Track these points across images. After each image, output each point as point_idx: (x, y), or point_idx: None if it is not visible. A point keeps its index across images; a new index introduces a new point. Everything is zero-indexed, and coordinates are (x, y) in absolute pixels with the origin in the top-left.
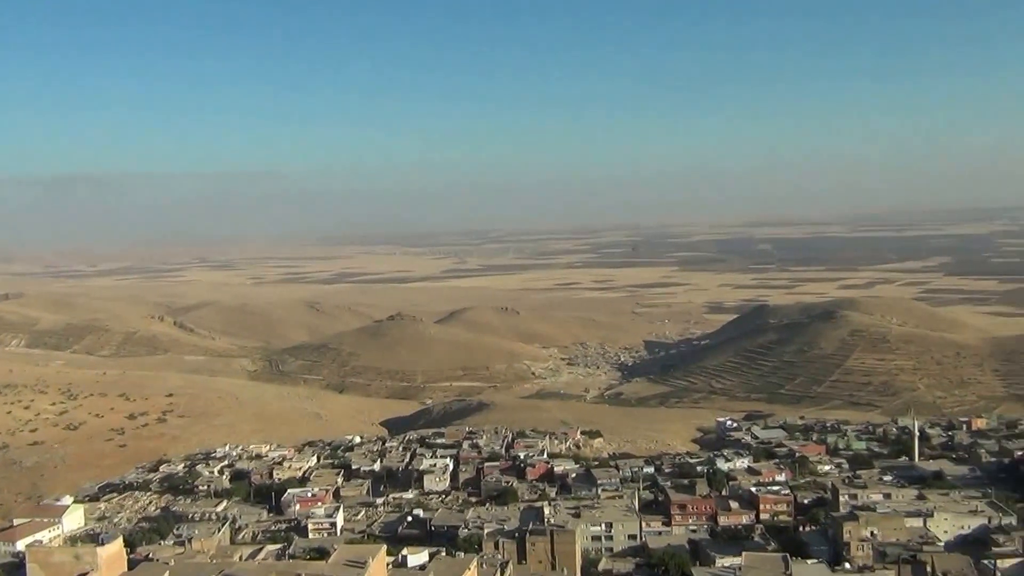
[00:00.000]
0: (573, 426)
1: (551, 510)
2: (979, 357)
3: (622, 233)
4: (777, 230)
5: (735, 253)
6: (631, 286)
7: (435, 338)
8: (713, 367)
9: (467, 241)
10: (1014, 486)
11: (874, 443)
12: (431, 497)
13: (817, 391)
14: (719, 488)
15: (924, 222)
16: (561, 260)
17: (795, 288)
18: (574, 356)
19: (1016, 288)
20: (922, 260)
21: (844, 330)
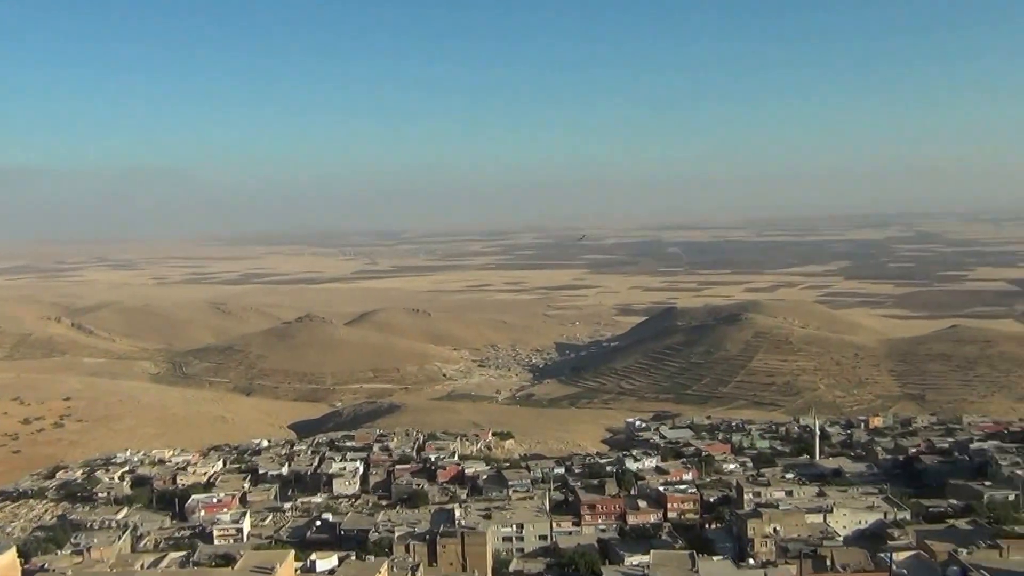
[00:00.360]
0: (484, 428)
1: (462, 512)
2: (876, 358)
3: (533, 235)
4: (685, 233)
5: (645, 256)
6: (542, 288)
7: (345, 340)
8: (623, 368)
9: (378, 242)
10: (908, 482)
11: (777, 442)
12: (340, 501)
13: (723, 391)
14: (628, 488)
15: (825, 228)
16: (473, 262)
17: (703, 291)
18: (485, 358)
19: (910, 292)
20: (823, 264)
21: (749, 332)
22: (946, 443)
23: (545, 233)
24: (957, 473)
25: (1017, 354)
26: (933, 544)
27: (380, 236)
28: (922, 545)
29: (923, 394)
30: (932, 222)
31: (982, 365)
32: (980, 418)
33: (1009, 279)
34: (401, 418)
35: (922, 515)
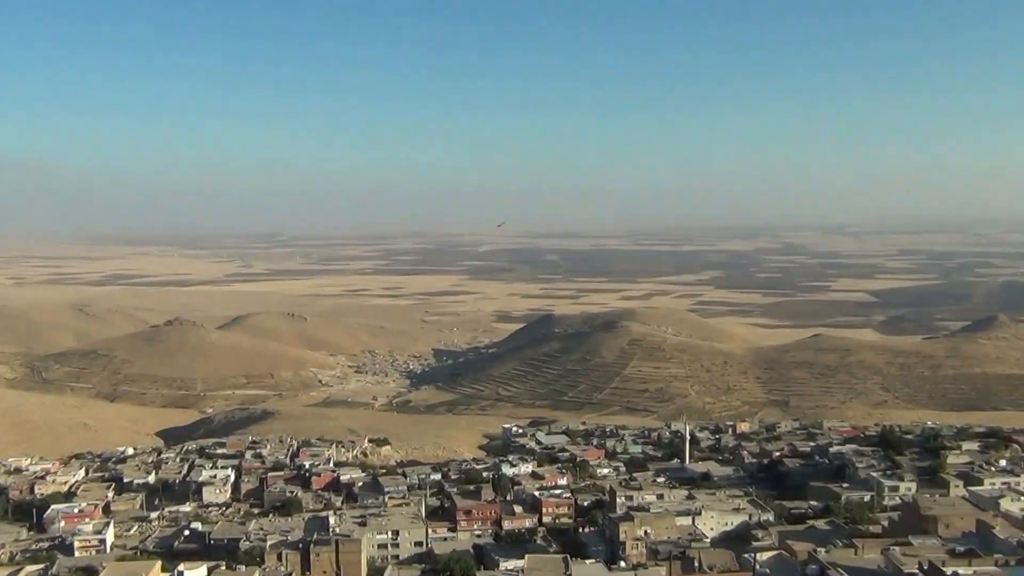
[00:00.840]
0: (360, 434)
1: (336, 519)
2: (744, 365)
3: (411, 240)
4: (563, 241)
5: (524, 263)
6: (421, 294)
7: (217, 344)
8: (500, 375)
9: (252, 244)
10: (772, 485)
11: (649, 447)
12: (210, 509)
13: (598, 398)
14: (504, 493)
15: (698, 238)
16: (350, 266)
17: (580, 299)
18: (362, 364)
19: (776, 302)
20: (695, 274)
21: (624, 339)
22: (807, 447)
23: (424, 239)
24: (817, 476)
25: (874, 362)
26: (794, 544)
27: (254, 238)
28: (784, 545)
29: (787, 400)
30: (797, 234)
31: (842, 373)
32: (839, 423)
33: (868, 290)
34: (275, 425)
35: (784, 516)
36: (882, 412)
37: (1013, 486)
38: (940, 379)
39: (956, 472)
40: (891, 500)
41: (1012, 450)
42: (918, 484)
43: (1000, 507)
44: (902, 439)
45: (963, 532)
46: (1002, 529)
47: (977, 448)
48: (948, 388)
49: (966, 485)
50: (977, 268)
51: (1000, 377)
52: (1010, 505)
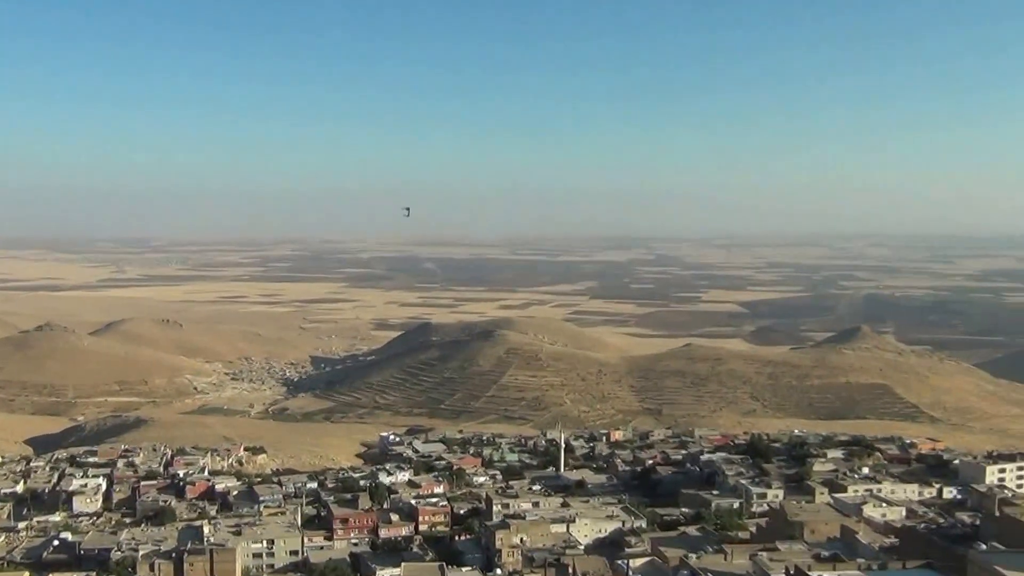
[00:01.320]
0: (236, 442)
1: (211, 528)
2: (618, 374)
3: (289, 247)
4: (441, 250)
5: (402, 271)
6: (299, 301)
7: (89, 350)
8: (378, 383)
9: (127, 249)
10: (645, 492)
11: (526, 455)
12: (81, 519)
13: (475, 406)
14: (381, 501)
15: (575, 248)
16: (227, 272)
17: (458, 307)
18: (239, 371)
19: (650, 312)
20: (572, 284)
21: (501, 348)
22: (679, 455)
23: (302, 245)
24: (688, 483)
25: (744, 372)
26: (666, 550)
27: (129, 243)
28: (656, 551)
29: (660, 409)
30: (670, 246)
31: (712, 382)
32: (710, 431)
33: (738, 301)
34: (148, 433)
35: (657, 523)
36: (751, 421)
37: (875, 493)
38: (807, 388)
39: (821, 479)
40: (759, 507)
41: (874, 458)
42: (785, 491)
43: (863, 513)
44: (770, 447)
45: (828, 538)
46: (865, 535)
47: (841, 456)
48: (814, 397)
49: (831, 492)
50: (841, 281)
51: (863, 387)
52: (872, 511)
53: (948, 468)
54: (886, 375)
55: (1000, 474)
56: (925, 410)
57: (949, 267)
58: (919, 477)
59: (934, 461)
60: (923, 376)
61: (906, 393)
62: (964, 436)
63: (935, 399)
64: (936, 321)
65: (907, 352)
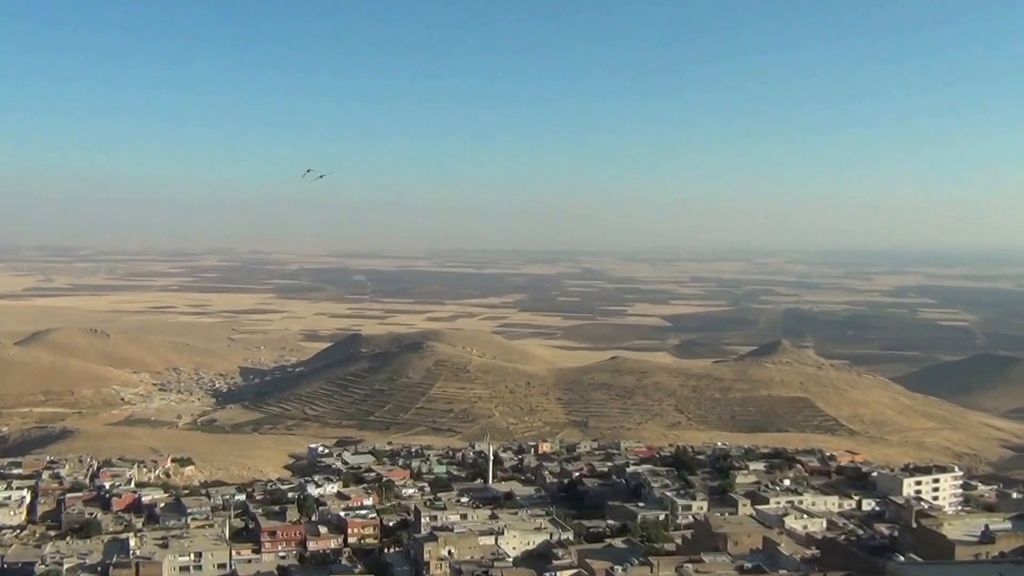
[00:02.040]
0: (164, 454)
1: (137, 541)
2: (546, 387)
3: (217, 258)
4: (370, 262)
5: (331, 283)
6: (227, 312)
7: (14, 360)
8: (307, 394)
9: (53, 258)
10: (572, 504)
11: (454, 467)
12: (4, 532)
13: (404, 418)
14: (309, 514)
15: (501, 261)
16: (155, 282)
17: (387, 319)
18: (167, 382)
19: (577, 324)
20: (500, 296)
21: (430, 360)
22: (606, 467)
23: (230, 256)
24: (615, 495)
25: (669, 384)
26: (593, 562)
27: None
28: (583, 564)
29: (587, 421)
30: (595, 260)
31: (638, 394)
32: (636, 443)
33: (663, 315)
34: (74, 444)
35: (584, 535)
36: (676, 433)
37: (796, 505)
38: (730, 401)
39: (744, 491)
40: (684, 519)
41: (795, 470)
42: (709, 503)
43: (785, 525)
44: (694, 459)
45: (751, 549)
46: (787, 546)
47: (763, 468)
48: (737, 410)
49: (753, 504)
50: (762, 296)
51: (784, 400)
52: (794, 523)
53: (867, 480)
54: (806, 388)
55: (916, 486)
56: (844, 423)
57: (865, 283)
58: (839, 489)
59: (853, 473)
60: (842, 390)
61: (826, 406)
62: (881, 449)
63: (853, 412)
64: (853, 336)
65: (826, 366)
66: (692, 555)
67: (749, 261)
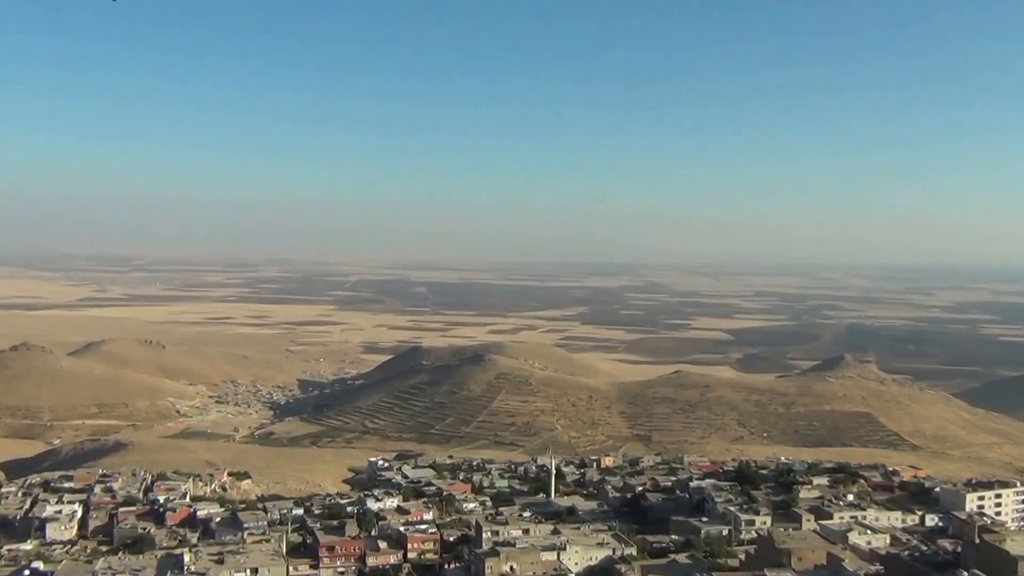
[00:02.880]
0: (220, 467)
1: (192, 557)
2: (608, 400)
3: (278, 269)
4: (432, 274)
5: (392, 295)
6: (287, 323)
7: (67, 371)
8: (367, 407)
9: (109, 268)
10: (635, 519)
11: (515, 481)
12: (55, 548)
13: (465, 431)
14: (369, 528)
15: (564, 274)
16: (213, 293)
17: (448, 331)
18: (224, 394)
19: (639, 338)
20: (562, 309)
21: (491, 373)
22: (669, 482)
23: (291, 267)
24: (678, 510)
25: (731, 398)
26: None
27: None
28: None
29: (649, 435)
30: (658, 273)
31: (701, 408)
32: (699, 458)
33: (725, 329)
34: (128, 457)
35: (647, 550)
36: (739, 447)
37: (860, 520)
38: (793, 416)
39: (808, 506)
40: (748, 534)
41: (859, 485)
42: (773, 518)
43: (849, 540)
44: (758, 474)
45: (815, 565)
46: (850, 562)
47: (827, 483)
48: (800, 425)
49: (817, 519)
50: (825, 310)
51: (847, 415)
52: (858, 539)
53: (930, 496)
54: (869, 403)
55: (979, 502)
56: (906, 438)
57: (928, 299)
58: (902, 505)
59: (916, 489)
60: (904, 405)
61: (888, 421)
62: (944, 464)
63: (916, 427)
64: (915, 351)
65: (888, 381)
66: (756, 571)
67: (812, 276)
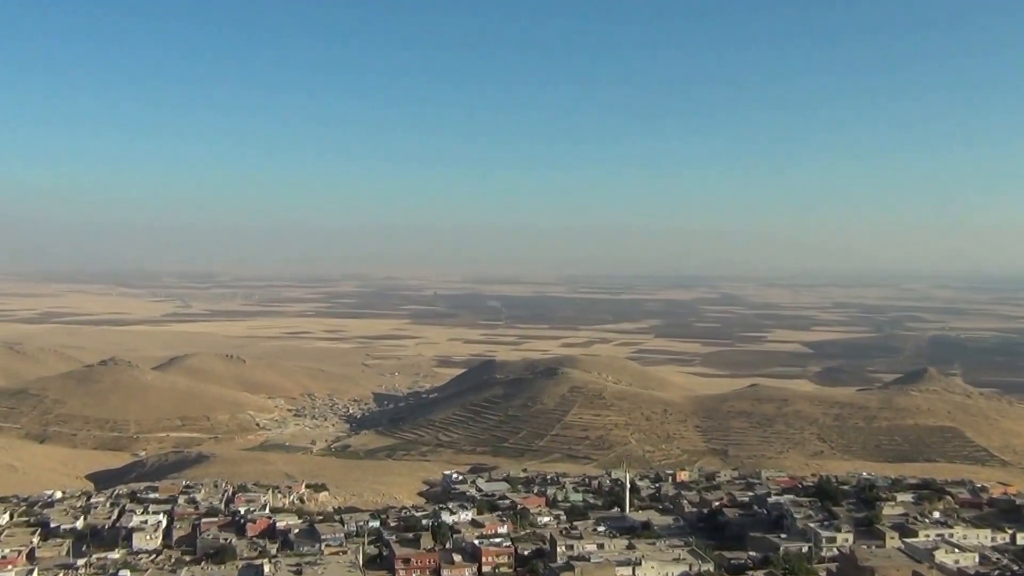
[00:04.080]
0: (298, 480)
1: (271, 567)
2: (683, 414)
3: (354, 284)
4: (505, 288)
5: (465, 308)
6: (362, 338)
7: (152, 385)
8: (441, 420)
9: (191, 284)
10: (712, 534)
11: (590, 495)
12: (140, 556)
13: (539, 444)
14: (443, 541)
15: (637, 286)
16: (291, 308)
17: (521, 344)
18: (302, 407)
19: (715, 351)
20: (635, 322)
21: (565, 386)
22: (746, 497)
23: (366, 281)
24: (756, 526)
25: (810, 412)
26: None
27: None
28: None
29: (726, 449)
30: (734, 285)
31: (779, 422)
32: (777, 473)
33: (803, 341)
34: (210, 469)
35: (724, 567)
36: (819, 463)
37: (947, 538)
38: (874, 430)
39: (891, 524)
40: (828, 551)
41: (945, 502)
42: (855, 535)
43: (935, 559)
44: (839, 490)
45: None
46: None
47: (911, 500)
48: (882, 439)
49: (901, 536)
50: (907, 322)
51: (932, 429)
52: (944, 557)
53: (1020, 513)
54: (955, 417)
55: None
56: (995, 453)
57: (1016, 309)
58: (991, 522)
59: (1006, 506)
60: (992, 419)
61: (976, 436)
62: None
63: (1005, 442)
64: (1003, 363)
65: (975, 394)
66: None
67: (894, 287)
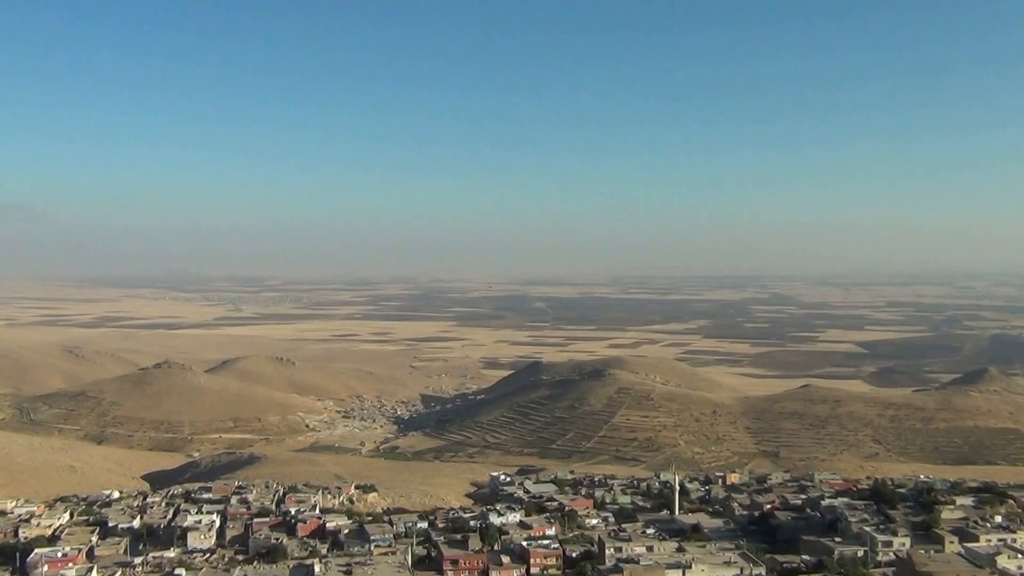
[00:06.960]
0: (347, 480)
1: (322, 567)
2: (733, 415)
3: (400, 287)
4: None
5: (511, 310)
6: (409, 340)
7: (205, 387)
8: (488, 422)
9: (242, 288)
10: (763, 537)
11: (638, 497)
12: (195, 555)
13: (586, 446)
14: (491, 543)
15: (685, 287)
16: (339, 311)
17: (568, 346)
18: (350, 409)
19: (765, 352)
20: (683, 323)
21: (612, 387)
22: (799, 500)
23: (412, 284)
24: (809, 529)
25: (864, 414)
26: None
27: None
28: None
29: (777, 451)
30: (785, 284)
31: (832, 424)
32: (830, 475)
33: (856, 341)
34: (261, 469)
35: (776, 571)
36: (874, 465)
37: (1010, 543)
38: (932, 432)
39: (951, 528)
40: (885, 556)
41: (1008, 506)
42: (912, 540)
43: (997, 564)
44: (895, 493)
45: None
46: None
47: (971, 503)
48: (940, 441)
49: (961, 541)
50: (966, 321)
51: (993, 431)
52: (1007, 563)
53: None
54: (1017, 419)
55: None
56: None
57: None
58: None
59: None
60: None
61: None
62: None
63: None
64: None
65: None
66: None
67: (951, 285)
